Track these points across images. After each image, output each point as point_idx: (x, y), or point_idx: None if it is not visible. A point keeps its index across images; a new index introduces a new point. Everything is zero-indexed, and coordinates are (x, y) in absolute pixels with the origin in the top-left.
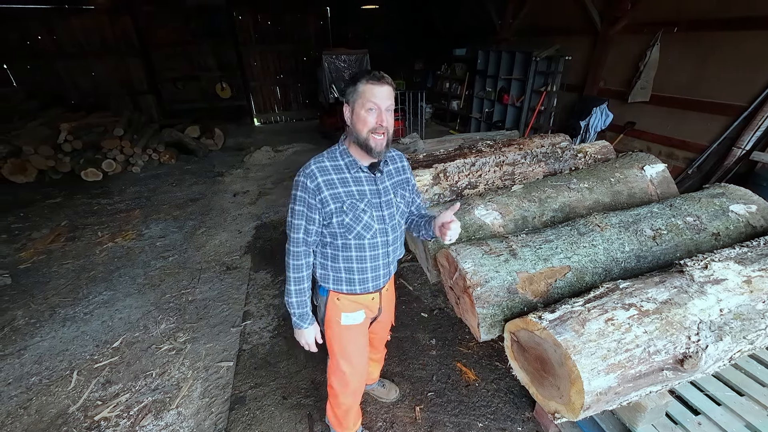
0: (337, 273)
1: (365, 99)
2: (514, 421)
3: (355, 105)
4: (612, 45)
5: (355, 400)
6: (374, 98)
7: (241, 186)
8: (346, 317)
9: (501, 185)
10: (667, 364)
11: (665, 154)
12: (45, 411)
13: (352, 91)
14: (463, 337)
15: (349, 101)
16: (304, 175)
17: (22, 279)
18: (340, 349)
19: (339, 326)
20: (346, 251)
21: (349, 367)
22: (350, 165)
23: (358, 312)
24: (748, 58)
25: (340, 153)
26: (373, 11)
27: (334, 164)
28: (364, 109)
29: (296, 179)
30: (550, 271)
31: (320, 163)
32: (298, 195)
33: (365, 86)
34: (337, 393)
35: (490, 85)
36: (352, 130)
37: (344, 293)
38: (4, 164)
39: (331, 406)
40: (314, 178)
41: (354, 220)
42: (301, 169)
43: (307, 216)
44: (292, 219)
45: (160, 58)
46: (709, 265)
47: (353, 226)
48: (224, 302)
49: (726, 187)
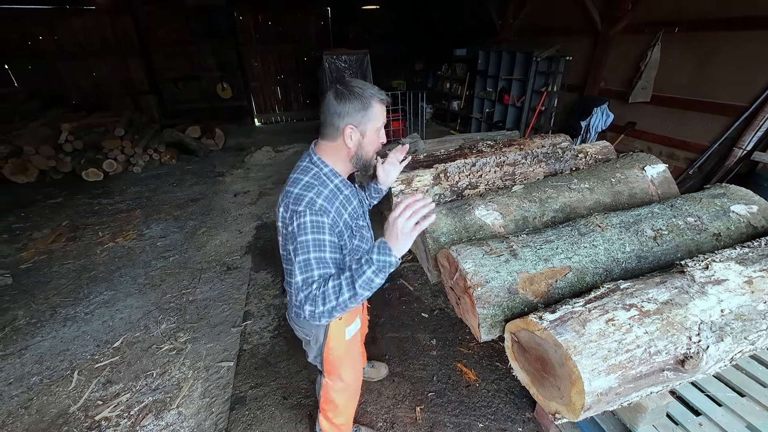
0: None
1: (378, 120)
2: (515, 422)
3: (367, 128)
4: (613, 45)
5: (355, 404)
6: (384, 118)
7: (242, 186)
8: (350, 330)
9: (501, 185)
10: (667, 365)
11: (666, 155)
12: (46, 411)
13: (362, 114)
14: (463, 337)
15: (359, 124)
16: (314, 213)
17: (23, 279)
18: (345, 365)
19: (343, 343)
20: None
21: (351, 377)
22: (342, 185)
23: (356, 319)
24: (749, 58)
25: (328, 175)
26: (373, 11)
27: (329, 190)
28: (377, 132)
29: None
30: (551, 272)
31: (320, 194)
32: (314, 239)
33: (378, 107)
34: (337, 404)
35: (490, 86)
36: (358, 152)
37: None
38: (6, 164)
39: (329, 420)
40: (327, 212)
41: (361, 239)
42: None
43: (332, 260)
44: (320, 271)
45: (160, 58)
46: (710, 266)
47: (360, 246)
48: (225, 302)
49: (727, 188)
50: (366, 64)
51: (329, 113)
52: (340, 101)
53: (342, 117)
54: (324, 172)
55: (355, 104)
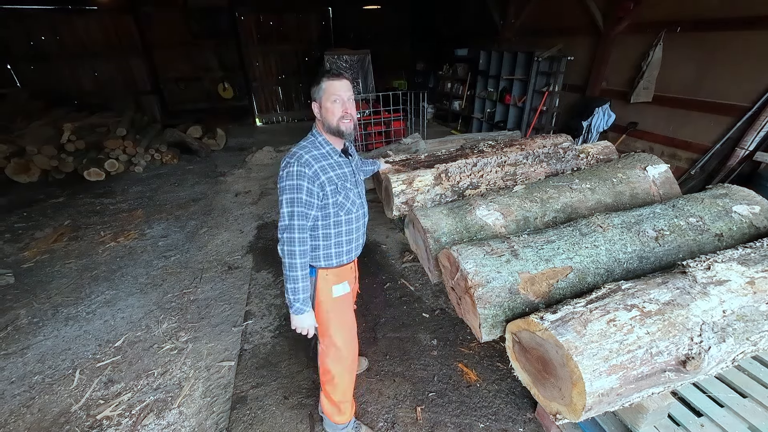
0: (328, 250)
1: (329, 93)
2: (516, 422)
3: (321, 100)
4: (614, 45)
5: (351, 380)
6: (337, 91)
7: (243, 186)
8: (337, 289)
9: (503, 186)
10: (669, 366)
11: (668, 155)
12: (47, 410)
13: (317, 89)
14: (464, 337)
15: (317, 98)
16: (300, 165)
17: (25, 278)
18: (334, 323)
19: (330, 300)
20: (337, 227)
21: (342, 340)
22: (332, 152)
23: (344, 283)
24: (752, 58)
25: (321, 142)
26: (374, 11)
27: (320, 152)
28: (330, 102)
29: (288, 170)
30: (552, 272)
31: (309, 152)
32: (296, 184)
33: (327, 83)
34: (333, 374)
35: (492, 86)
36: (323, 121)
37: (333, 267)
38: (8, 164)
39: (327, 394)
40: (311, 165)
41: (345, 198)
42: (287, 160)
43: (307, 202)
44: (295, 208)
45: (162, 58)
46: (712, 266)
47: (344, 203)
48: (226, 302)
49: (729, 188)
50: (367, 64)
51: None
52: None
53: (311, 97)
54: (318, 140)
55: (314, 86)
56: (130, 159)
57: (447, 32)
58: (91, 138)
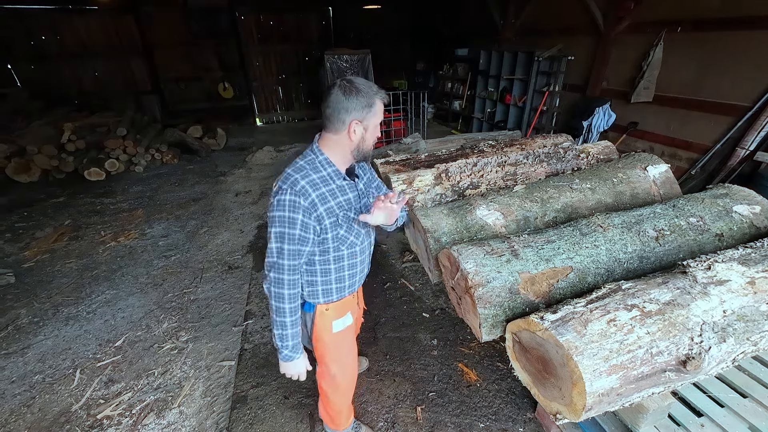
0: (327, 285)
1: (379, 117)
2: (516, 422)
3: (370, 124)
4: (615, 45)
5: (347, 399)
6: (382, 114)
7: (244, 186)
8: (337, 324)
9: (503, 185)
10: (669, 366)
11: (668, 155)
12: (48, 409)
13: (367, 111)
14: (464, 337)
15: (363, 119)
16: (294, 193)
17: (25, 278)
18: (332, 357)
19: (330, 335)
20: (338, 262)
21: (339, 370)
22: (334, 174)
23: (347, 315)
24: (752, 58)
25: (322, 162)
26: (375, 11)
27: (320, 176)
28: (377, 127)
29: (280, 198)
30: (552, 272)
31: (307, 176)
32: (288, 217)
33: (380, 105)
34: (328, 395)
35: (492, 85)
36: (361, 145)
37: (334, 302)
38: (9, 164)
39: (323, 405)
40: (307, 195)
41: (348, 231)
42: (279, 185)
43: (300, 238)
44: (285, 245)
45: (163, 58)
46: (713, 266)
47: (347, 237)
48: (226, 301)
49: (729, 188)
50: (367, 63)
51: (336, 108)
52: (347, 97)
53: (349, 112)
54: (319, 160)
55: (361, 101)
56: (131, 159)
57: (447, 32)
58: (91, 138)
